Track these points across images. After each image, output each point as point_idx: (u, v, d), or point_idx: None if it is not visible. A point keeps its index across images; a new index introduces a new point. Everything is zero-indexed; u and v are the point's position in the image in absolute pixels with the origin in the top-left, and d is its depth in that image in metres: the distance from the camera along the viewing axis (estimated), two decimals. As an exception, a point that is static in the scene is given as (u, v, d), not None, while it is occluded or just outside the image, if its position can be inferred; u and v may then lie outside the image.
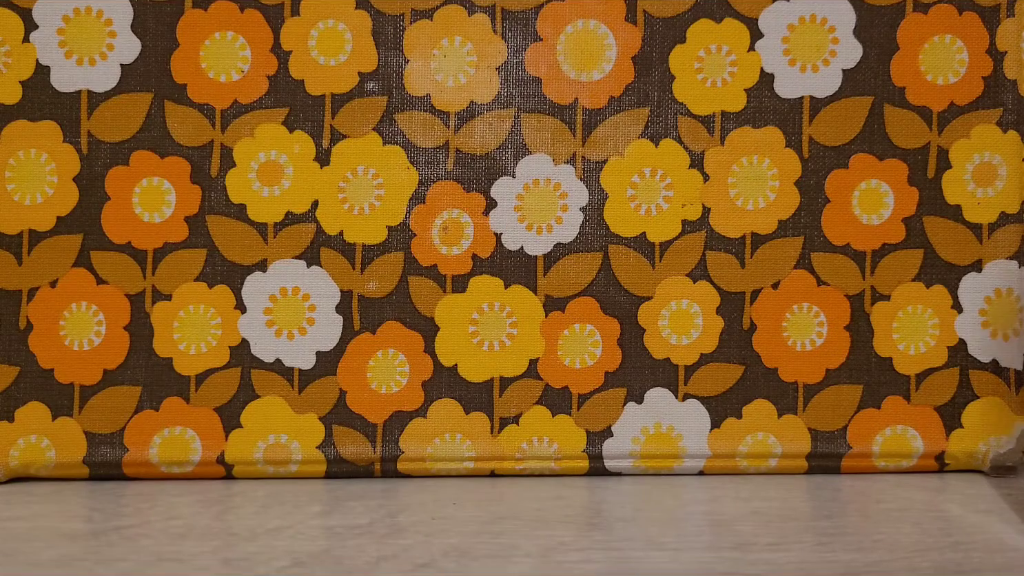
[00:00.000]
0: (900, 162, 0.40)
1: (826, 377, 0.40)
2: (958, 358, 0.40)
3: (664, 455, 0.40)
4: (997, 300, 0.40)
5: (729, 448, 0.40)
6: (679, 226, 0.40)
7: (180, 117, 0.40)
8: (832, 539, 0.29)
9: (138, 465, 0.40)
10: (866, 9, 0.40)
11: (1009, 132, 0.40)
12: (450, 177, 0.40)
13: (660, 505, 0.35)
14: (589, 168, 0.40)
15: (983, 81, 0.40)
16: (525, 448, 0.40)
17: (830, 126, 0.40)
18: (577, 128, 0.40)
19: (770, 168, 0.40)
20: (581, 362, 0.40)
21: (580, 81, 0.40)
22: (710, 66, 0.40)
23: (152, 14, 0.40)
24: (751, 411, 0.40)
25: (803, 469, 0.40)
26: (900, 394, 0.40)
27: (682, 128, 0.40)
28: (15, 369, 0.40)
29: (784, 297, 0.40)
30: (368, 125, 0.40)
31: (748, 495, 0.36)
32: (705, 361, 0.40)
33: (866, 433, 0.40)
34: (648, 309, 0.40)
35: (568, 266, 0.40)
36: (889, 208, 0.40)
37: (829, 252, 0.40)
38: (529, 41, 0.40)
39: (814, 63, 0.40)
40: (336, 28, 0.40)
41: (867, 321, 0.40)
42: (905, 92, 0.40)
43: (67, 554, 0.29)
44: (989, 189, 0.40)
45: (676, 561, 0.27)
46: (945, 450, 0.40)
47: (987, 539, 0.29)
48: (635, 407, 0.40)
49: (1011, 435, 0.40)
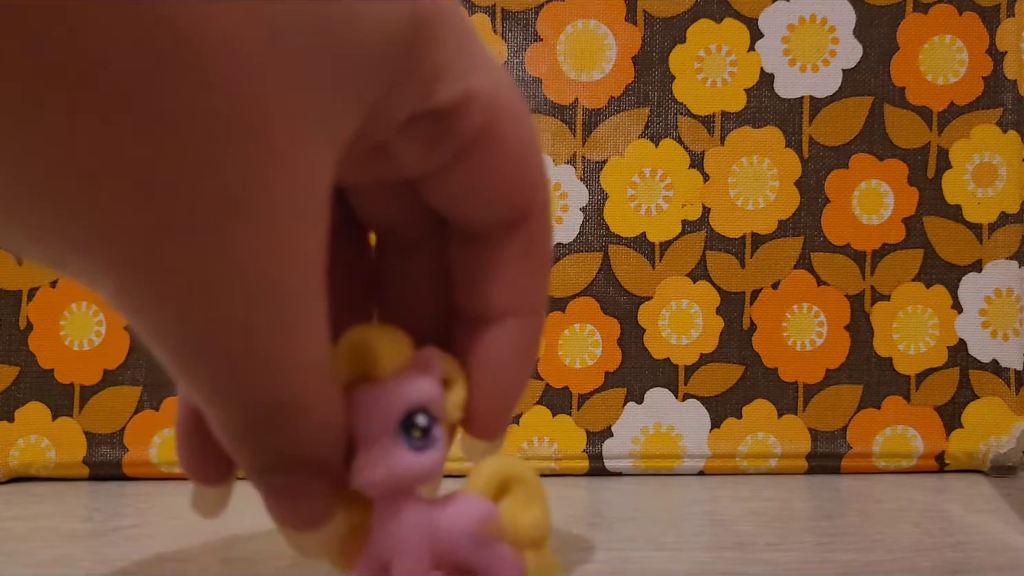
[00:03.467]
0: (900, 162, 0.40)
1: (826, 377, 0.40)
2: (958, 358, 0.40)
3: (664, 455, 0.40)
4: (997, 300, 0.40)
5: (729, 448, 0.40)
6: (679, 226, 0.40)
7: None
8: (832, 539, 0.29)
9: (138, 465, 0.40)
10: (866, 9, 0.40)
11: (1009, 132, 0.40)
12: (450, 177, 0.40)
13: (660, 505, 0.35)
14: (589, 168, 0.40)
15: (983, 81, 0.40)
16: (525, 448, 0.40)
17: (830, 126, 0.40)
18: (577, 128, 0.40)
19: (770, 168, 0.40)
20: (581, 362, 0.40)
21: (580, 81, 0.40)
22: (710, 66, 0.40)
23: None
24: (751, 411, 0.40)
25: (803, 469, 0.40)
26: (900, 394, 0.40)
27: (682, 128, 0.40)
28: (15, 369, 0.40)
29: (784, 297, 0.40)
30: (368, 125, 0.40)
31: (748, 495, 0.36)
32: (705, 361, 0.40)
33: (866, 433, 0.40)
34: (648, 309, 0.40)
35: (568, 266, 0.40)
36: (889, 208, 0.40)
37: (829, 252, 0.40)
38: (529, 41, 0.40)
39: (814, 63, 0.40)
40: (336, 28, 0.40)
41: (867, 321, 0.40)
42: (905, 92, 0.40)
43: (67, 554, 0.29)
44: (989, 189, 0.40)
45: (676, 561, 0.27)
46: (945, 450, 0.40)
47: (987, 539, 0.29)
48: (635, 407, 0.40)
49: (1011, 435, 0.40)
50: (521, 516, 0.20)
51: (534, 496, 0.21)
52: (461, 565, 0.20)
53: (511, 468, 0.21)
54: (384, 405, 0.18)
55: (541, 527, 0.20)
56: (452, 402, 0.20)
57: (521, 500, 0.20)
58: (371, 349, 0.19)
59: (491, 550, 0.20)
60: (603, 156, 0.40)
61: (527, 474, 0.21)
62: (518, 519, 0.20)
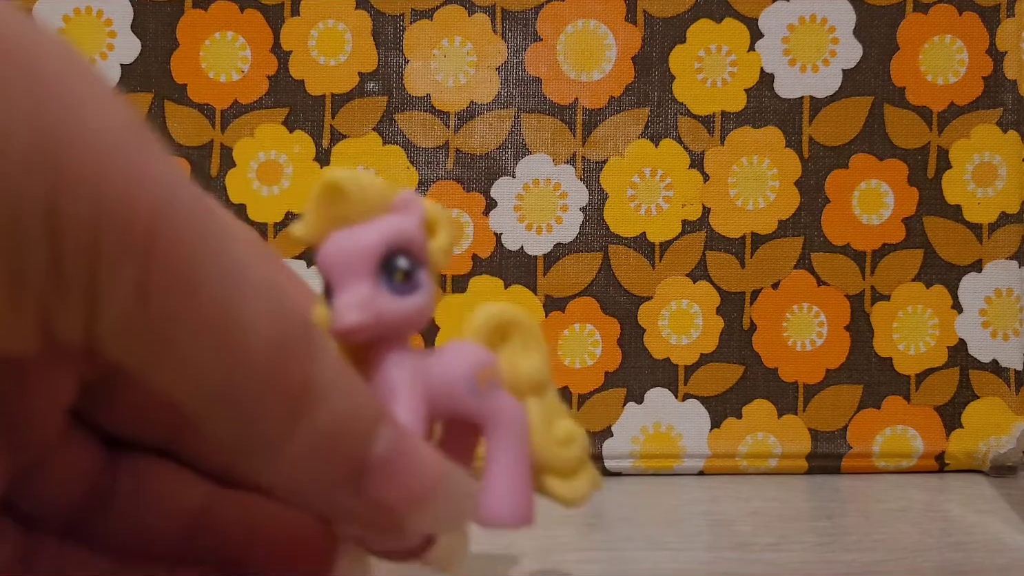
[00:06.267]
0: (900, 162, 0.40)
1: (826, 377, 0.40)
2: (958, 358, 0.40)
3: (664, 455, 0.40)
4: (997, 300, 0.40)
5: (729, 448, 0.40)
6: (679, 226, 0.40)
7: (180, 117, 0.40)
8: (832, 539, 0.29)
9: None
10: (866, 9, 0.40)
11: (1009, 132, 0.40)
12: (450, 177, 0.40)
13: (660, 505, 0.35)
14: (589, 168, 0.40)
15: (983, 81, 0.40)
16: (525, 448, 0.40)
17: (830, 126, 0.40)
18: (577, 128, 0.40)
19: (770, 168, 0.40)
20: (581, 362, 0.40)
21: (580, 81, 0.40)
22: (710, 66, 0.40)
23: (152, 14, 0.40)
24: (751, 411, 0.40)
25: (803, 469, 0.40)
26: (900, 394, 0.40)
27: (682, 128, 0.40)
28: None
29: (784, 297, 0.40)
30: (368, 125, 0.40)
31: (748, 495, 0.36)
32: (705, 361, 0.40)
33: (866, 433, 0.40)
34: (648, 309, 0.40)
35: (568, 266, 0.40)
36: (889, 208, 0.40)
37: (829, 252, 0.40)
38: (529, 41, 0.40)
39: (814, 63, 0.40)
40: (336, 28, 0.40)
41: (867, 321, 0.40)
42: (905, 92, 0.40)
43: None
44: (989, 189, 0.40)
45: (676, 561, 0.27)
46: (945, 450, 0.40)
47: (987, 539, 0.29)
48: (635, 407, 0.40)
49: (1011, 435, 0.40)
50: (521, 362, 0.19)
51: (533, 341, 0.19)
52: (459, 415, 0.18)
53: (508, 314, 0.19)
54: (360, 245, 0.17)
55: (542, 372, 0.19)
56: (437, 246, 0.18)
57: (520, 346, 0.19)
58: (345, 192, 0.17)
59: (490, 397, 0.18)
60: (603, 156, 0.40)
61: (525, 319, 0.19)
62: (518, 365, 0.19)
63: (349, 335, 0.17)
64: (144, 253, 0.13)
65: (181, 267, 0.13)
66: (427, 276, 0.18)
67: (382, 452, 0.16)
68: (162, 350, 0.14)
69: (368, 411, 0.16)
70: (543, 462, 0.19)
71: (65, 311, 0.13)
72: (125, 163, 0.13)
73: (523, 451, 0.19)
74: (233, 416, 0.15)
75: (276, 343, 0.14)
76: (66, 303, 0.13)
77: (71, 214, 0.12)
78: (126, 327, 0.13)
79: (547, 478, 0.19)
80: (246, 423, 0.15)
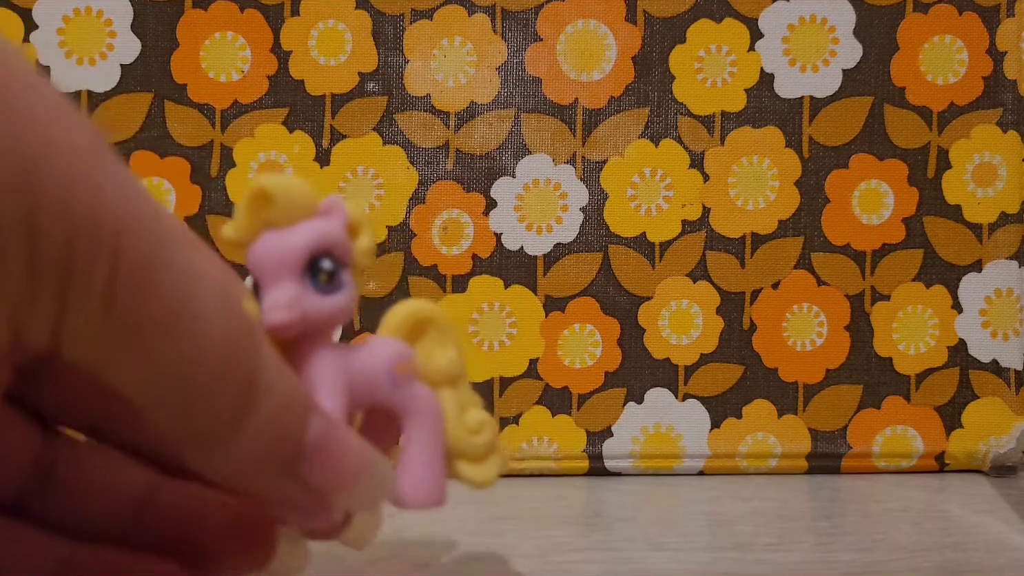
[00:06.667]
0: (900, 162, 0.40)
1: (826, 377, 0.40)
2: (958, 358, 0.40)
3: (664, 455, 0.40)
4: (997, 300, 0.40)
5: (729, 448, 0.40)
6: (679, 226, 0.40)
7: (180, 117, 0.40)
8: (832, 539, 0.29)
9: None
10: (866, 9, 0.40)
11: (1009, 132, 0.40)
12: (450, 177, 0.40)
13: (660, 505, 0.35)
14: (589, 168, 0.40)
15: (983, 81, 0.40)
16: (525, 448, 0.40)
17: (830, 126, 0.40)
18: (577, 128, 0.40)
19: (770, 168, 0.40)
20: (581, 362, 0.40)
21: (580, 81, 0.40)
22: (710, 66, 0.40)
23: (152, 14, 0.40)
24: (751, 411, 0.40)
25: (803, 469, 0.40)
26: (900, 394, 0.40)
27: (682, 128, 0.40)
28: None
29: (784, 297, 0.40)
30: (368, 125, 0.40)
31: (748, 495, 0.36)
32: (705, 361, 0.40)
33: (866, 433, 0.40)
34: (648, 309, 0.40)
35: (568, 266, 0.40)
36: (889, 208, 0.40)
37: (829, 252, 0.40)
38: (529, 41, 0.40)
39: (814, 63, 0.40)
40: (336, 28, 0.40)
41: (867, 321, 0.40)
42: (905, 92, 0.40)
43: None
44: (989, 189, 0.40)
45: (676, 561, 0.27)
46: (945, 450, 0.40)
47: (987, 539, 0.29)
48: (635, 407, 0.40)
49: (1011, 435, 0.40)
50: (436, 356, 0.21)
51: (448, 336, 0.21)
52: (379, 405, 0.20)
53: (424, 311, 0.21)
54: (287, 248, 0.18)
55: (456, 364, 0.21)
56: (360, 248, 0.20)
57: (435, 340, 0.21)
58: (272, 197, 0.18)
59: (407, 389, 0.20)
60: (603, 156, 0.40)
61: (440, 316, 0.21)
62: (433, 359, 0.21)
63: (277, 332, 0.18)
64: (110, 263, 0.14)
65: (142, 272, 0.15)
66: (349, 276, 0.19)
67: (314, 439, 0.17)
68: (123, 348, 0.15)
69: (302, 401, 0.17)
70: (455, 448, 0.21)
71: (36, 316, 0.14)
72: (89, 184, 0.14)
73: (437, 438, 0.20)
74: (186, 409, 0.16)
75: (228, 339, 0.16)
76: (37, 309, 0.14)
77: (45, 231, 0.14)
78: (91, 329, 0.15)
79: (459, 463, 0.21)
80: (199, 415, 0.16)
